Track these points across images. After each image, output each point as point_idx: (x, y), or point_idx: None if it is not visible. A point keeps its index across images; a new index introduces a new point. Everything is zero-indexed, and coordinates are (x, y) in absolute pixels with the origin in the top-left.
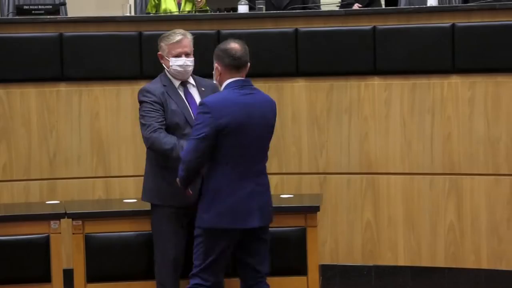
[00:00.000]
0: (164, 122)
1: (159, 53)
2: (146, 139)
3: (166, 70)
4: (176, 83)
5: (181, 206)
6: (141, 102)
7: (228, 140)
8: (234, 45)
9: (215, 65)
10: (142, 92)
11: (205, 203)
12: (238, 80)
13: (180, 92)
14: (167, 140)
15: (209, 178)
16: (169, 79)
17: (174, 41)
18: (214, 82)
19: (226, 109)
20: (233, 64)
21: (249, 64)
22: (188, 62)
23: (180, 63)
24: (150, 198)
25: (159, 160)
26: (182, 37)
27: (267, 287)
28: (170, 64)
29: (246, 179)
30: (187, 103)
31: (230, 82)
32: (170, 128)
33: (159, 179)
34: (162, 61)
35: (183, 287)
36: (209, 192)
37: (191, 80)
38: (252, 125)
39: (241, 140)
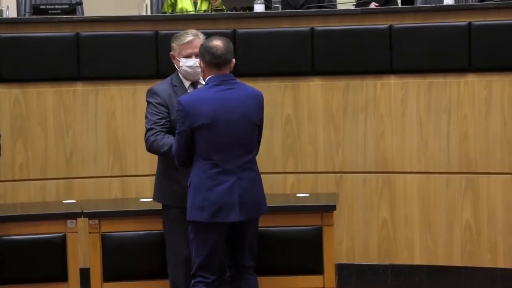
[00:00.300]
0: (168, 125)
1: (171, 53)
2: (146, 143)
3: (177, 70)
4: (187, 83)
5: None
6: (147, 102)
7: (203, 136)
8: (217, 43)
9: (199, 62)
10: (149, 92)
11: (190, 198)
12: (217, 76)
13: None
14: (165, 141)
15: (192, 172)
16: (180, 79)
17: (185, 41)
18: (201, 78)
19: (198, 107)
20: (214, 61)
21: (233, 61)
22: (197, 63)
23: (189, 64)
24: (160, 199)
25: (167, 161)
26: (193, 38)
27: (252, 277)
28: (180, 64)
29: (227, 173)
30: None
31: (209, 79)
32: None
33: (168, 180)
34: (173, 61)
35: None
36: (191, 187)
37: (202, 81)
38: (227, 121)
39: (215, 136)
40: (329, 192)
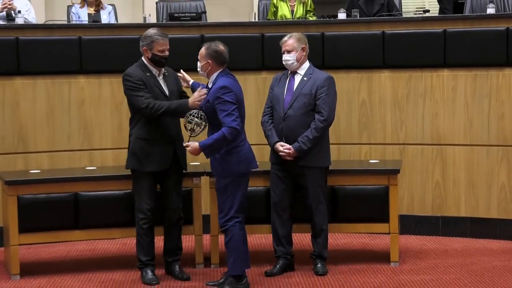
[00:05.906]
0: (271, 112)
1: None
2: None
3: None
4: (288, 72)
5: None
6: None
7: (239, 110)
8: (223, 48)
9: (208, 61)
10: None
11: (224, 158)
12: (225, 69)
13: (286, 81)
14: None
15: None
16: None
17: (281, 42)
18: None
19: (236, 88)
20: (224, 61)
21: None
22: (287, 57)
23: (283, 58)
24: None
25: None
26: (286, 39)
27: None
28: None
29: (244, 137)
30: (285, 89)
31: (222, 71)
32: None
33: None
34: None
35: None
36: (231, 147)
37: (301, 71)
38: (243, 100)
39: (242, 110)
40: (394, 159)
